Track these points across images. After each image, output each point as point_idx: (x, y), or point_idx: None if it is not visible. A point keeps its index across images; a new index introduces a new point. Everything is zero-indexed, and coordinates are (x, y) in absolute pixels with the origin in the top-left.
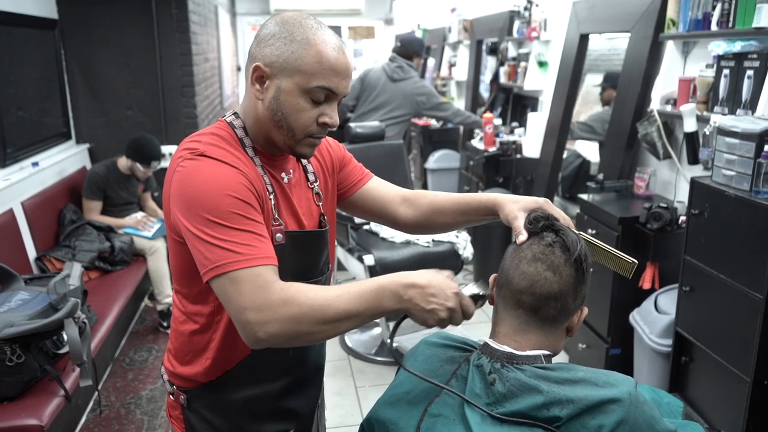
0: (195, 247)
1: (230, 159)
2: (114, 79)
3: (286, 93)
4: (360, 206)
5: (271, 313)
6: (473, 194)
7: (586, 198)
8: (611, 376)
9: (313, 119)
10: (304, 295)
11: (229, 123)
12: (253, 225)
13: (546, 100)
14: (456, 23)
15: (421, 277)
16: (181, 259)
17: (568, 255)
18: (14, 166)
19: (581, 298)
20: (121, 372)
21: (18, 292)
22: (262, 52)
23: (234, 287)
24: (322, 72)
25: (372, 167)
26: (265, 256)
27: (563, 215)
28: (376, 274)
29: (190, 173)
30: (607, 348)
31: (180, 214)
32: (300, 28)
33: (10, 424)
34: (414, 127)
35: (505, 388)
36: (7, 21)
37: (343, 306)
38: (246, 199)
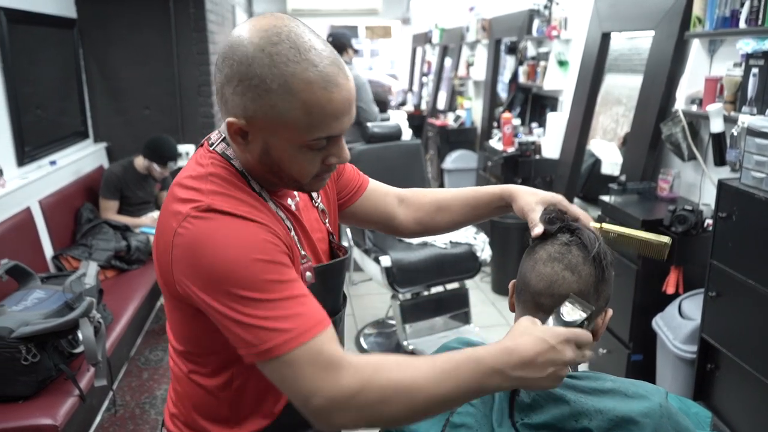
0: (226, 327)
1: (244, 209)
2: (131, 78)
3: (276, 149)
4: (359, 215)
5: (345, 402)
6: (483, 187)
7: (608, 200)
8: (641, 386)
9: (318, 163)
10: (385, 377)
11: (222, 154)
12: (292, 286)
13: (566, 100)
14: (474, 22)
15: (527, 350)
16: (189, 328)
17: (586, 253)
18: (32, 164)
19: (604, 299)
20: (136, 371)
21: (34, 291)
22: (234, 101)
23: (292, 371)
24: (315, 124)
25: (389, 167)
26: (317, 321)
27: (581, 212)
28: (392, 275)
29: (200, 238)
30: (628, 353)
31: (196, 288)
32: (272, 68)
33: (25, 424)
34: (431, 127)
35: (529, 398)
36: (26, 20)
37: (435, 389)
38: (277, 259)
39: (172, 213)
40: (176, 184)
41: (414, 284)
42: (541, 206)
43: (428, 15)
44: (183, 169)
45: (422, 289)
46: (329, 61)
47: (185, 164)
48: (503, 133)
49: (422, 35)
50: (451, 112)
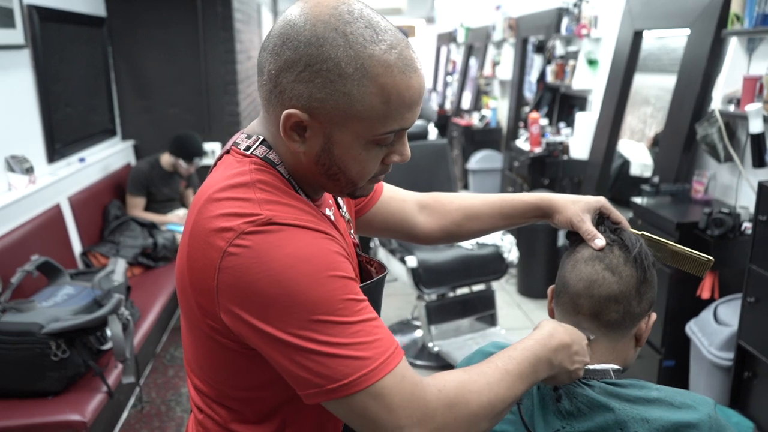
0: (294, 361)
1: (306, 218)
2: (159, 76)
3: (340, 146)
4: (376, 223)
5: (437, 425)
6: (516, 195)
7: (640, 201)
8: (688, 396)
9: (379, 162)
10: (468, 391)
11: (265, 159)
12: (366, 308)
13: (595, 99)
14: (500, 21)
15: (564, 336)
16: (231, 368)
17: (628, 254)
18: (62, 161)
19: (647, 301)
20: (161, 368)
21: (64, 287)
22: (294, 90)
23: (378, 403)
24: (390, 114)
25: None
26: (395, 347)
27: (622, 217)
28: (418, 276)
29: (262, 256)
30: (660, 359)
31: (254, 318)
32: (348, 50)
33: (54, 419)
34: (455, 127)
35: (572, 406)
36: (57, 18)
37: (508, 392)
38: (348, 273)
39: (214, 229)
40: (212, 197)
41: (440, 285)
42: (588, 214)
43: (453, 14)
44: (211, 181)
45: (448, 290)
46: (405, 44)
47: (213, 174)
48: (530, 133)
49: (447, 34)
50: (476, 112)
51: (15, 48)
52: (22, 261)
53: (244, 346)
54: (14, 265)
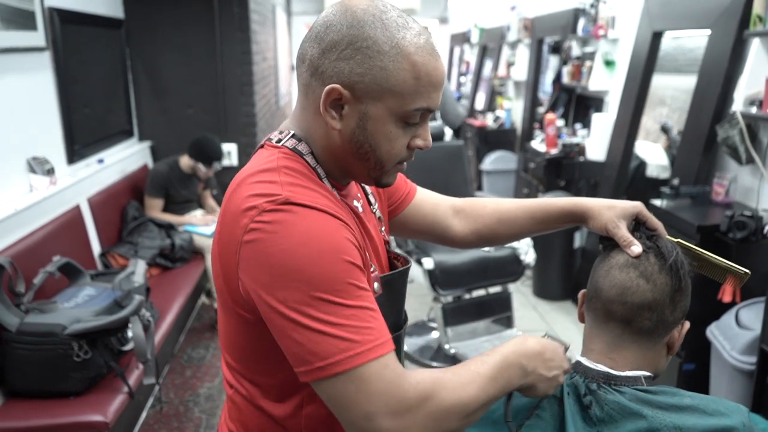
0: (289, 336)
1: (324, 203)
2: (176, 77)
3: (375, 121)
4: (408, 225)
5: (410, 417)
6: (550, 200)
7: (659, 204)
8: (721, 403)
9: (405, 145)
10: (443, 388)
11: (293, 149)
12: (367, 296)
13: (612, 100)
14: (515, 21)
15: (535, 343)
16: (253, 341)
17: (663, 261)
18: (81, 162)
19: (681, 310)
20: (179, 369)
21: (85, 288)
22: (336, 68)
23: (357, 387)
24: (420, 90)
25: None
26: (385, 339)
27: (659, 222)
28: (435, 277)
29: (277, 232)
30: (680, 362)
31: (263, 290)
32: (384, 31)
33: (76, 420)
34: (469, 128)
35: (603, 413)
36: (77, 20)
37: (480, 394)
38: (356, 260)
39: (241, 209)
40: (243, 181)
41: (456, 287)
42: (624, 221)
43: (467, 14)
44: (244, 169)
45: (464, 292)
46: (428, 34)
47: (247, 164)
48: (546, 134)
49: (460, 35)
50: (490, 113)
51: (36, 50)
52: (44, 262)
53: (263, 321)
54: (36, 266)
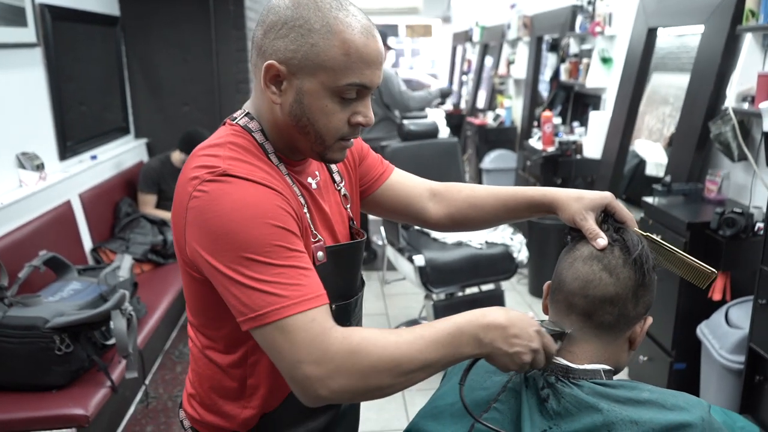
0: (228, 290)
1: (260, 176)
2: (172, 75)
3: (309, 95)
4: (382, 204)
5: (333, 367)
6: (522, 189)
7: (652, 201)
8: (681, 397)
9: (345, 121)
10: (372, 344)
11: (244, 127)
12: (298, 257)
13: (609, 98)
14: (515, 19)
15: (500, 316)
16: (201, 298)
17: (628, 255)
18: (73, 158)
19: (644, 305)
20: (170, 364)
21: (71, 282)
22: (273, 46)
23: (284, 337)
24: (351, 66)
25: (425, 165)
26: (315, 295)
27: (629, 216)
28: (426, 275)
29: (213, 200)
30: (670, 362)
31: (203, 251)
32: (317, 12)
33: (57, 413)
34: (470, 126)
35: (559, 406)
36: (70, 17)
37: (417, 355)
38: (287, 225)
39: (189, 179)
40: (194, 154)
41: (448, 284)
42: (592, 212)
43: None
44: (203, 142)
45: (457, 289)
46: (365, 17)
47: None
48: (543, 132)
49: (462, 33)
50: (490, 111)
51: (27, 46)
52: (32, 256)
53: (209, 280)
54: (23, 261)
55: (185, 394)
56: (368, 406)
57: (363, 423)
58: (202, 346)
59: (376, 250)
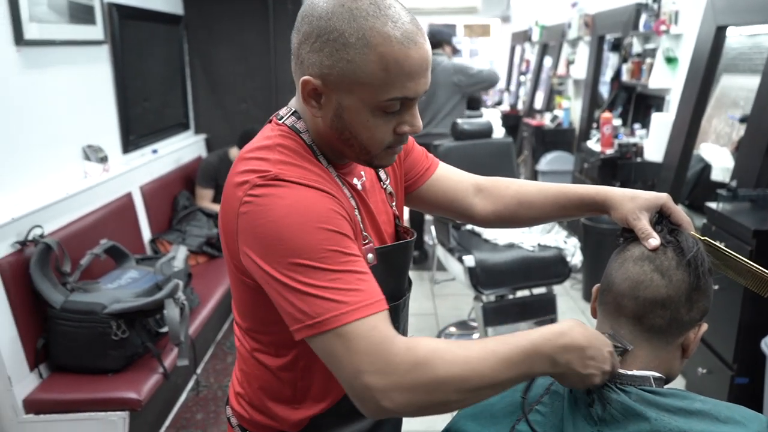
0: (282, 297)
1: (311, 179)
2: (231, 73)
3: (349, 111)
4: (427, 200)
5: (397, 379)
6: (573, 186)
7: (715, 207)
8: (737, 410)
9: (390, 132)
10: (439, 357)
11: (291, 127)
12: (354, 261)
13: (674, 99)
14: (576, 18)
15: (579, 337)
16: (252, 304)
17: (682, 257)
18: (135, 152)
19: (699, 310)
20: (221, 355)
21: (129, 271)
22: (309, 59)
23: (344, 345)
24: (391, 81)
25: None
26: (375, 300)
27: (685, 218)
28: (476, 276)
29: (265, 205)
30: (731, 375)
31: (257, 257)
32: (352, 23)
33: (112, 395)
34: (526, 127)
35: (605, 412)
36: (136, 16)
37: (488, 372)
38: (341, 229)
39: (238, 183)
40: (242, 157)
41: (498, 286)
42: (646, 213)
43: (528, 12)
44: (249, 143)
45: (507, 291)
46: (409, 19)
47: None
48: (602, 133)
49: (521, 33)
50: (548, 112)
51: (95, 44)
52: (94, 245)
53: (260, 285)
54: (85, 249)
55: (232, 391)
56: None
57: (408, 422)
58: (250, 348)
59: (427, 250)
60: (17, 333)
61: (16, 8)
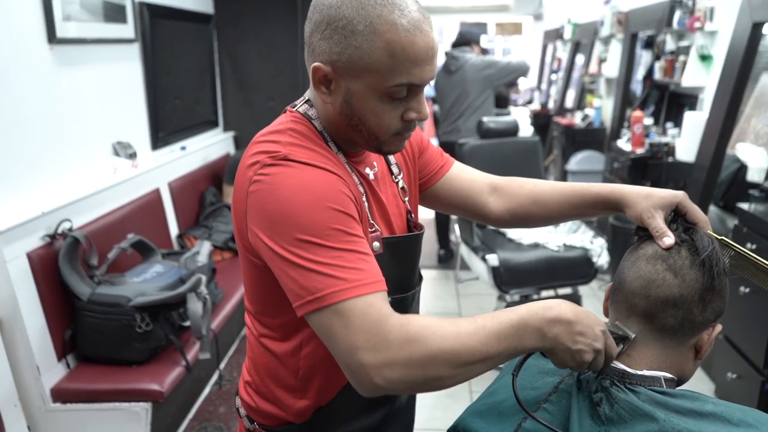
0: (286, 273)
1: (321, 160)
2: (259, 71)
3: (357, 97)
4: (441, 198)
5: (391, 354)
6: (588, 185)
7: (747, 207)
8: (750, 413)
9: (397, 118)
10: (431, 333)
11: (304, 114)
12: (357, 242)
13: (707, 98)
14: (609, 16)
15: (566, 310)
16: (260, 285)
17: (696, 256)
18: (164, 149)
19: (713, 311)
20: (244, 350)
21: (155, 265)
22: (320, 47)
23: (341, 322)
24: (397, 67)
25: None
26: (374, 280)
27: (702, 216)
28: (499, 275)
29: (274, 183)
30: (762, 381)
31: (263, 234)
32: (360, 10)
33: (135, 387)
34: (556, 126)
35: (612, 411)
36: (167, 14)
37: (478, 346)
38: (347, 209)
39: (249, 165)
40: (254, 141)
41: (522, 286)
42: (661, 211)
43: (561, 10)
44: (263, 129)
45: (532, 292)
46: (416, 8)
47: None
48: (632, 132)
49: (554, 31)
50: (579, 111)
51: (126, 42)
52: (121, 239)
53: (267, 264)
54: (113, 243)
55: (242, 382)
56: (434, 404)
57: (429, 421)
58: (258, 333)
59: (453, 249)
60: (46, 324)
61: (49, 7)
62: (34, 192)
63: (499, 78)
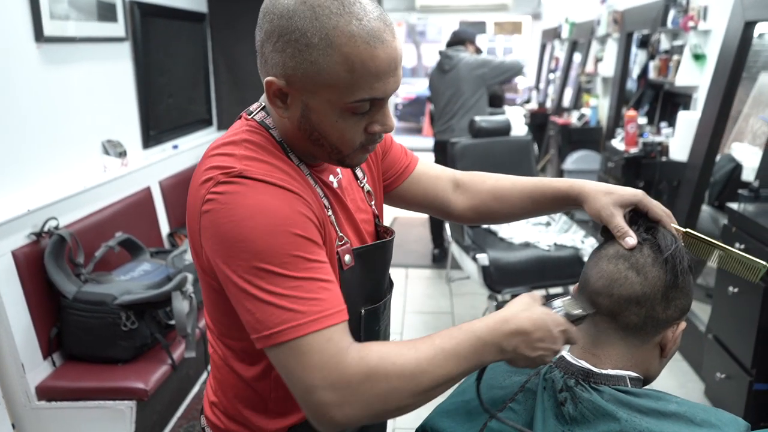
0: (242, 304)
1: (279, 177)
2: (253, 70)
3: (317, 112)
4: (407, 198)
5: (350, 392)
6: (549, 180)
7: (737, 207)
8: (713, 413)
9: (360, 131)
10: (390, 363)
11: (261, 123)
12: (318, 268)
13: (701, 97)
14: (605, 15)
15: (524, 321)
16: (222, 307)
17: (659, 254)
18: (156, 147)
19: (677, 308)
20: None
21: (143, 263)
22: (273, 59)
23: (297, 360)
24: (357, 82)
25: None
26: (335, 310)
27: (664, 212)
28: (489, 275)
29: (228, 203)
30: (750, 381)
31: (218, 258)
32: (314, 21)
33: (120, 385)
34: (553, 126)
35: (576, 411)
36: (158, 13)
37: (438, 371)
38: (306, 233)
39: (202, 181)
40: (207, 154)
41: (513, 286)
42: (620, 209)
43: (559, 9)
44: (216, 139)
45: (523, 291)
46: (375, 16)
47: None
48: (626, 132)
49: (552, 30)
50: (575, 110)
51: (116, 40)
52: (110, 238)
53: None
54: (101, 241)
55: (206, 401)
56: None
57: (398, 420)
58: (223, 354)
59: (446, 248)
60: (31, 322)
61: (36, 6)
62: (21, 190)
63: (492, 77)
